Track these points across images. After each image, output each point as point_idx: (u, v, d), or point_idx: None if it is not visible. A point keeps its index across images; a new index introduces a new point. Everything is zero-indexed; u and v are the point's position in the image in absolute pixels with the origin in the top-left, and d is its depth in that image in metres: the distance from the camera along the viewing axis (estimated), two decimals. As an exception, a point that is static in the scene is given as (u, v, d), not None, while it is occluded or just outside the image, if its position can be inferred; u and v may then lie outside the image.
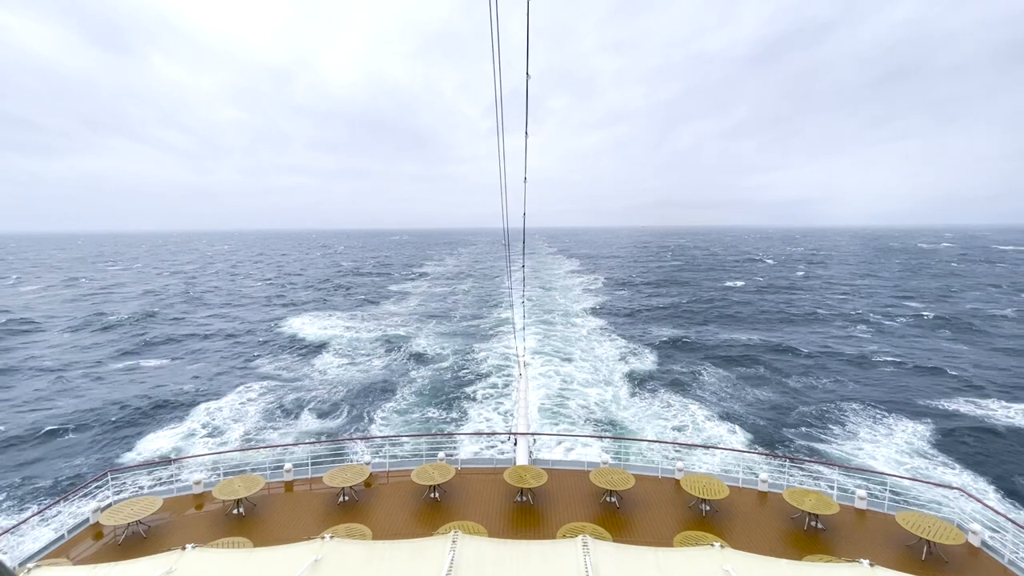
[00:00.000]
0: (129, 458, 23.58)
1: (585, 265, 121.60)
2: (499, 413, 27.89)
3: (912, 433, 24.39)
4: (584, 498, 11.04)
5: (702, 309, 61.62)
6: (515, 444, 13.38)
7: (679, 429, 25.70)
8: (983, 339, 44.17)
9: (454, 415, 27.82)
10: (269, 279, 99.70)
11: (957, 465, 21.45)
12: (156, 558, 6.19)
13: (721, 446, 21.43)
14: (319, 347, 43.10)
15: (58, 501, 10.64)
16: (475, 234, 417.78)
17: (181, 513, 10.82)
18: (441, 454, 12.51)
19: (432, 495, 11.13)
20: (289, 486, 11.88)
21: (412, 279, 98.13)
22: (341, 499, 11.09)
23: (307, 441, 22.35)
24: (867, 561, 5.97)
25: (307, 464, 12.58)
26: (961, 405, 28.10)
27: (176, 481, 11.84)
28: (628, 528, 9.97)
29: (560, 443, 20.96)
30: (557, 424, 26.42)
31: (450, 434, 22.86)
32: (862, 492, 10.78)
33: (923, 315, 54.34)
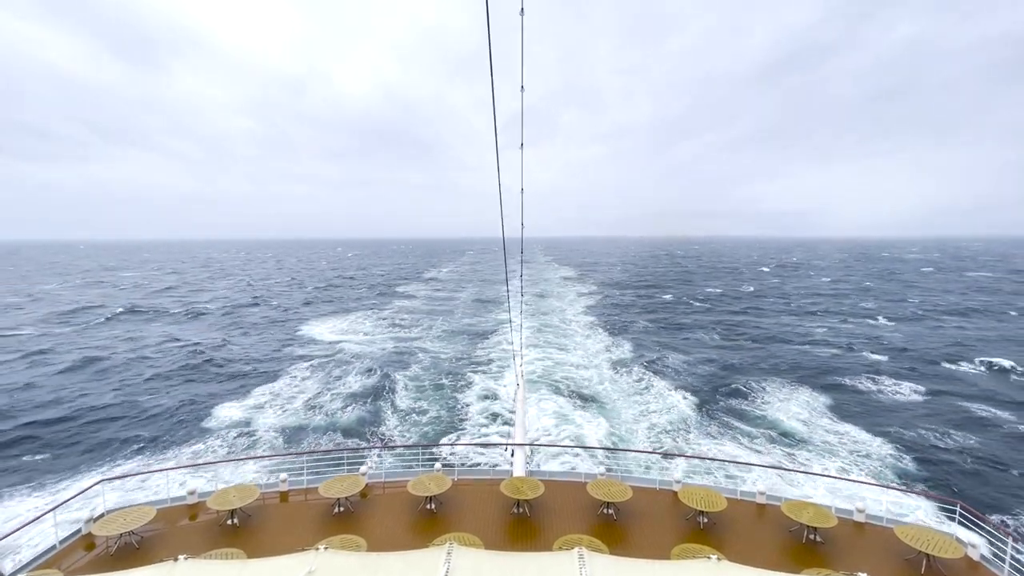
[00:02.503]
0: (212, 424, 26.93)
1: (580, 272, 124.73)
2: (499, 384, 32.97)
3: (812, 397, 30.54)
4: (581, 510, 10.84)
5: (682, 309, 68.52)
6: (512, 455, 13.21)
7: (641, 391, 31.77)
8: (911, 332, 50.17)
9: (458, 386, 32.88)
10: (286, 283, 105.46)
11: (837, 418, 27.14)
12: (148, 569, 6.05)
13: (719, 458, 21.29)
14: (337, 341, 47.61)
15: (50, 510, 10.50)
16: (475, 243, 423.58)
17: (175, 523, 10.59)
18: (438, 464, 12.30)
19: (428, 506, 10.92)
20: (284, 496, 11.67)
21: (416, 283, 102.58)
22: (336, 510, 10.87)
23: (303, 451, 22.13)
24: (864, 575, 5.93)
25: (303, 474, 12.36)
26: (858, 377, 34.63)
27: (170, 491, 11.73)
28: (625, 540, 9.79)
29: (558, 455, 20.83)
30: (540, 392, 30.61)
31: (447, 444, 22.73)
32: (861, 505, 10.61)
33: (872, 314, 60.79)
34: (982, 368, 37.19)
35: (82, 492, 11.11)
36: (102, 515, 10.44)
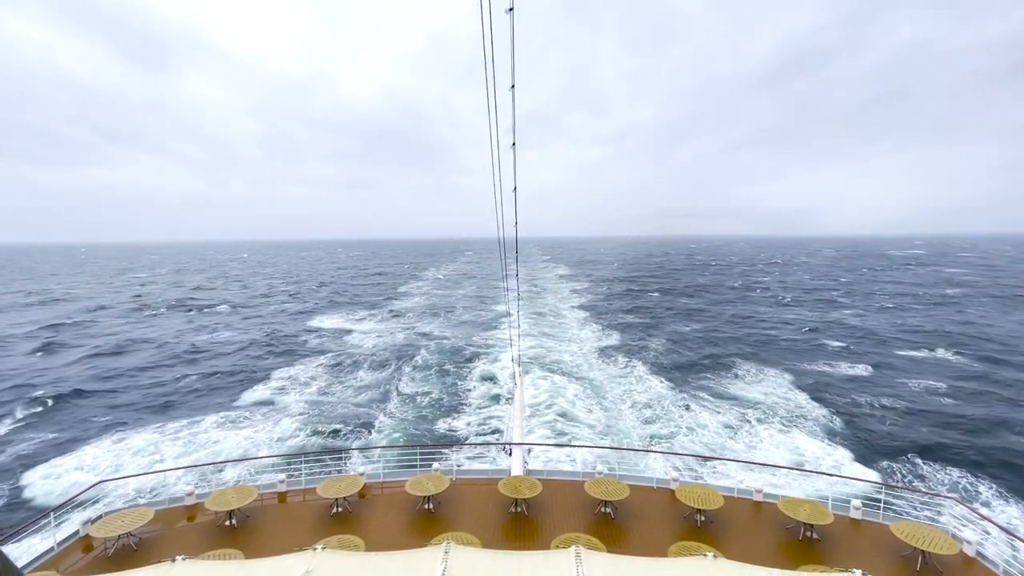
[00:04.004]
0: (240, 404, 29.84)
1: (577, 270, 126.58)
2: (495, 367, 35.70)
3: (779, 377, 33.55)
4: (579, 508, 10.68)
5: (669, 302, 71.66)
6: (510, 454, 13.00)
7: (626, 374, 34.54)
8: (873, 321, 53.44)
9: (461, 373, 35.21)
10: (292, 282, 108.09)
11: (798, 391, 30.52)
12: (145, 570, 5.95)
13: (717, 456, 21.30)
14: (346, 332, 50.89)
15: (48, 512, 10.42)
16: (476, 244, 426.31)
17: (173, 525, 10.39)
18: (436, 464, 12.08)
19: (426, 506, 10.74)
20: (282, 497, 11.47)
21: (419, 281, 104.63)
22: (334, 510, 10.69)
23: (301, 452, 22.05)
24: (860, 571, 5.90)
25: (300, 475, 12.16)
26: (815, 359, 38.54)
27: (168, 492, 11.67)
28: (623, 539, 9.64)
29: (556, 454, 20.80)
30: (534, 373, 33.29)
31: (445, 444, 22.63)
32: (857, 502, 10.45)
33: (844, 306, 64.63)
34: (926, 353, 40.25)
35: (80, 494, 11.03)
36: (100, 517, 10.24)
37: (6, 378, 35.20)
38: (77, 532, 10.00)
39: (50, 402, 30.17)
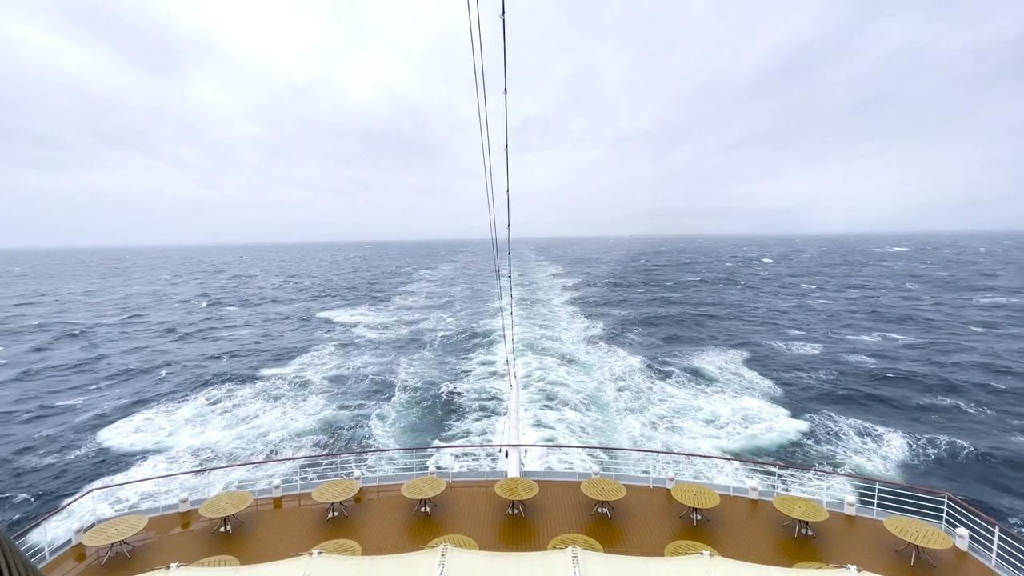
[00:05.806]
0: (259, 385, 33.04)
1: (570, 268, 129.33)
2: (492, 356, 38.59)
3: (733, 355, 37.78)
4: (575, 509, 10.52)
5: (653, 294, 76.94)
6: (506, 456, 12.88)
7: (608, 356, 37.84)
8: (835, 310, 58.03)
9: (459, 362, 37.78)
10: (294, 282, 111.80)
11: (746, 368, 34.39)
12: None
13: (712, 455, 21.37)
14: (353, 325, 54.54)
15: (40, 522, 10.28)
16: (474, 244, 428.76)
17: (167, 532, 10.10)
18: (432, 467, 11.91)
19: (423, 509, 10.52)
20: (278, 502, 11.21)
21: (419, 282, 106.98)
22: (331, 515, 10.46)
23: (296, 456, 21.81)
24: (854, 567, 5.94)
25: (296, 479, 11.93)
26: (774, 341, 42.73)
27: (162, 499, 11.55)
28: (619, 539, 9.48)
29: (552, 455, 20.83)
30: (527, 356, 37.02)
31: (441, 447, 22.59)
32: (851, 498, 10.36)
33: (814, 298, 69.08)
34: (870, 335, 44.62)
35: (72, 501, 10.88)
36: (93, 525, 9.96)
37: (63, 369, 39.47)
38: (70, 540, 9.70)
39: (102, 384, 34.89)
